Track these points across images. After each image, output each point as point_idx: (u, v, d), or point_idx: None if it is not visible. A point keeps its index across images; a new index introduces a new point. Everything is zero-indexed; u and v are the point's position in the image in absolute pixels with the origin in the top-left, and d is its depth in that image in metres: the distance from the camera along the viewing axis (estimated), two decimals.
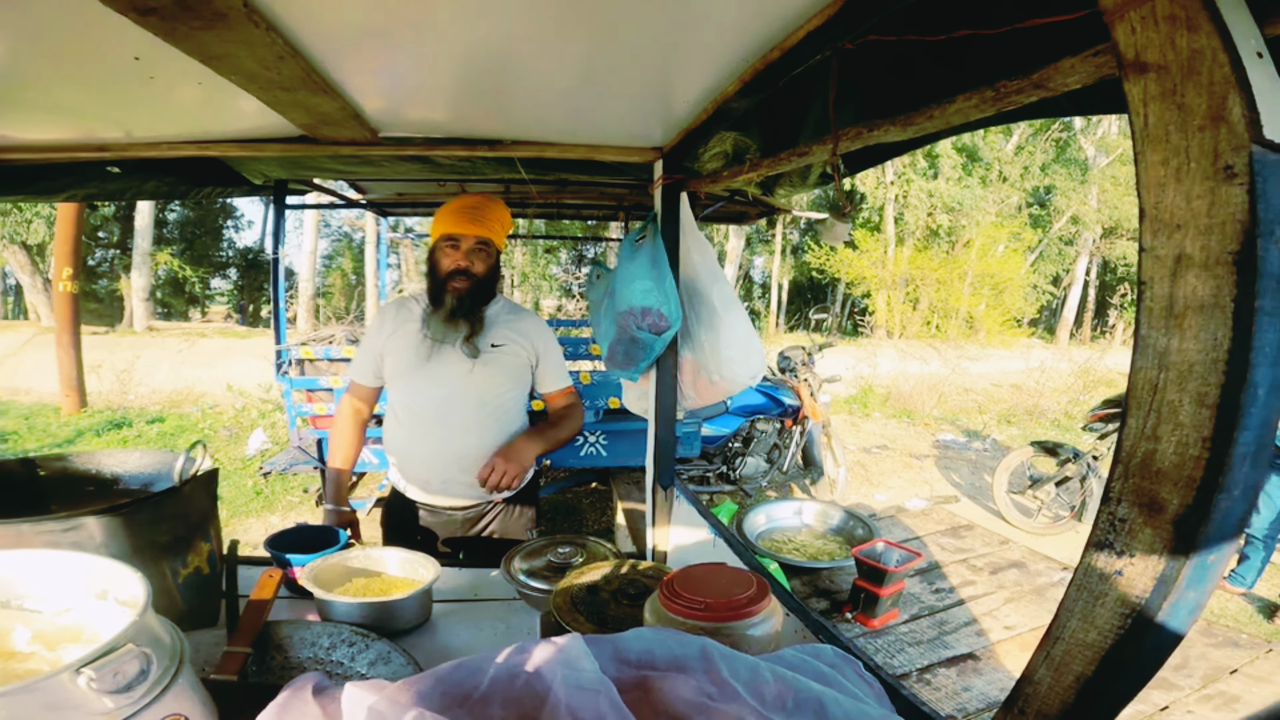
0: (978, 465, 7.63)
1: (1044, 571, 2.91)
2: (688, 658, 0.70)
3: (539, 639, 0.73)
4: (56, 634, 0.63)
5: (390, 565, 1.59)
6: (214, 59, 0.82)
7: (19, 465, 1.44)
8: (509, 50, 1.04)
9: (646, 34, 1.00)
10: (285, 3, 0.75)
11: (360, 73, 1.05)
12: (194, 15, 0.68)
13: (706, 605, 0.91)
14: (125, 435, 6.86)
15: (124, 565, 0.68)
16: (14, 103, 1.19)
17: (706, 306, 1.64)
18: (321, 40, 0.88)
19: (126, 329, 17.35)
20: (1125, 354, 13.01)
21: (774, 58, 1.02)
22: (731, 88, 1.17)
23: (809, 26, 0.92)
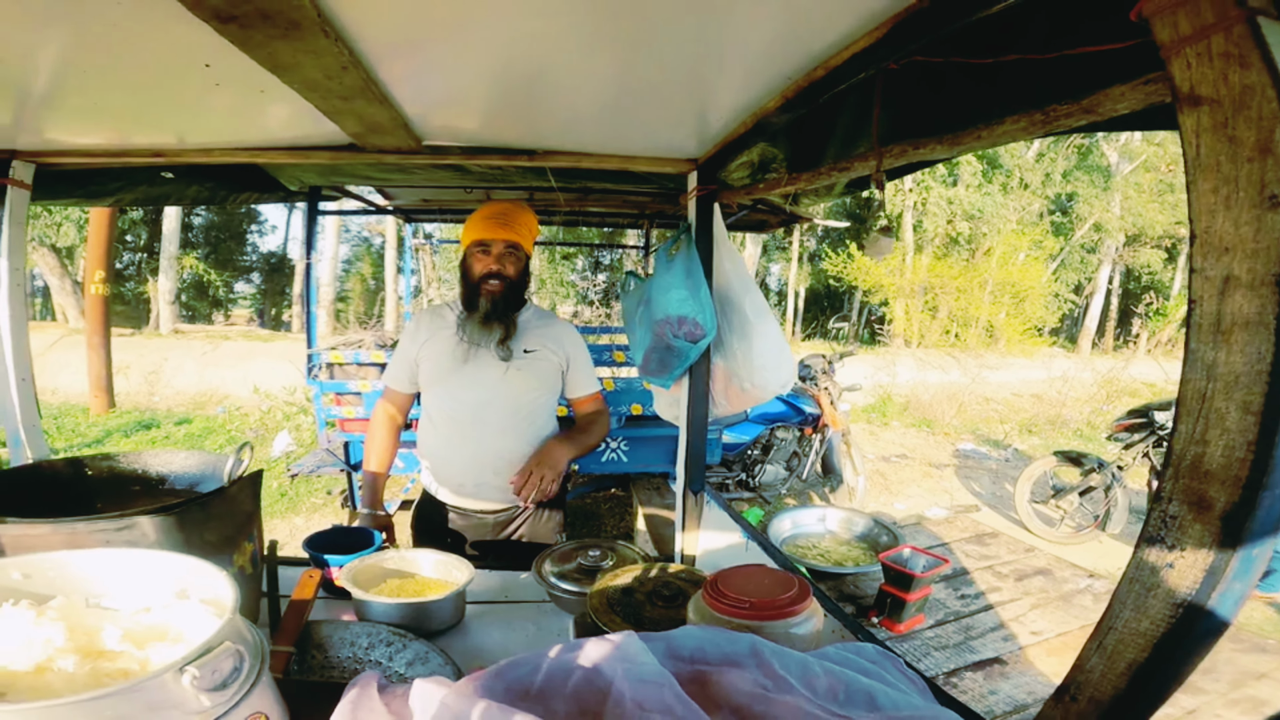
0: (999, 475, 7.55)
1: (1070, 578, 2.91)
2: (739, 654, 0.73)
3: (591, 638, 0.76)
4: (144, 633, 0.65)
5: (424, 567, 1.62)
6: (282, 68, 0.85)
7: (67, 465, 1.49)
8: (550, 62, 1.07)
9: (689, 51, 1.02)
10: (352, 13, 0.79)
11: (410, 82, 1.08)
12: (271, 24, 0.71)
13: (751, 604, 0.94)
14: (153, 436, 6.99)
15: (208, 564, 0.71)
16: (77, 108, 1.24)
17: (739, 315, 1.66)
18: (379, 50, 0.91)
19: (153, 331, 17.68)
20: (1149, 364, 12.85)
21: (818, 76, 1.04)
22: (773, 103, 1.20)
23: (855, 48, 0.94)
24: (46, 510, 1.39)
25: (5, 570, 0.63)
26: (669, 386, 1.75)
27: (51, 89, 1.11)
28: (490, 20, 0.88)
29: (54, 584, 0.64)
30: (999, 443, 9.06)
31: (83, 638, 0.59)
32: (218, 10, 0.67)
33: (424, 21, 0.86)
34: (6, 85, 1.09)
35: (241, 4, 0.66)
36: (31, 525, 1.06)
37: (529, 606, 1.64)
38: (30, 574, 0.64)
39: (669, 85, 1.22)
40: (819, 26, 0.93)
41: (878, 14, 0.87)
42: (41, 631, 0.57)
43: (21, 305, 1.57)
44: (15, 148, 1.55)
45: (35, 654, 0.56)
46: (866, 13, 0.87)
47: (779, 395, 1.87)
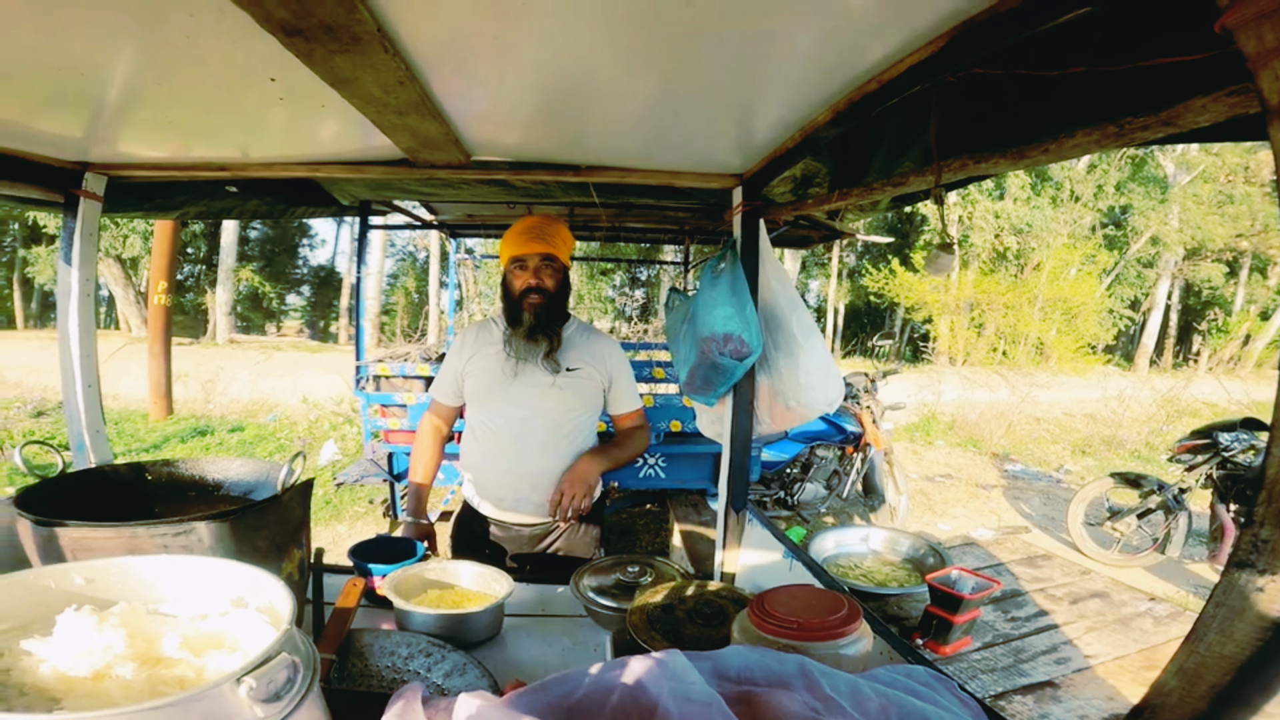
0: (1050, 496, 7.28)
1: (1129, 601, 2.80)
2: (787, 675, 0.72)
3: (635, 655, 0.75)
4: (201, 640, 0.65)
5: (465, 578, 1.63)
6: (342, 82, 0.88)
7: (129, 470, 1.55)
8: (596, 77, 1.08)
9: (737, 65, 1.02)
10: (409, 29, 0.80)
11: (462, 97, 1.10)
12: (334, 38, 0.73)
13: (799, 625, 0.93)
14: (208, 443, 7.25)
15: (266, 573, 0.72)
16: (148, 120, 1.29)
17: (785, 333, 1.64)
18: (434, 65, 0.93)
19: (210, 341, 18.40)
20: (1211, 383, 12.27)
21: (870, 89, 1.02)
22: (823, 117, 1.18)
23: (911, 60, 0.92)
24: (108, 513, 1.44)
25: (68, 575, 0.65)
26: (713, 404, 1.73)
27: (124, 102, 1.16)
28: (540, 36, 0.89)
29: (115, 589, 0.66)
30: (1050, 464, 8.74)
31: (142, 644, 0.60)
32: (285, 23, 0.69)
33: (477, 37, 0.87)
34: (82, 97, 1.14)
35: (307, 17, 0.68)
36: (93, 528, 1.11)
37: (565, 621, 1.64)
38: (93, 579, 0.66)
39: (715, 100, 1.22)
40: (873, 39, 0.92)
41: (936, 26, 0.85)
42: (102, 638, 0.58)
43: (90, 315, 1.64)
44: (88, 160, 1.62)
45: (95, 661, 0.57)
46: (924, 25, 0.86)
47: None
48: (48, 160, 1.56)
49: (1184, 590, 4.77)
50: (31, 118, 1.28)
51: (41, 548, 1.12)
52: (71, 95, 1.13)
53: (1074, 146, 0.82)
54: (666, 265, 17.90)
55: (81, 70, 0.99)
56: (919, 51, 0.91)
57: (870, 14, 0.85)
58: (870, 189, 1.25)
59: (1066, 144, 0.83)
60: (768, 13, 0.85)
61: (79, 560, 1.12)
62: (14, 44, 0.90)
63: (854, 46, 0.95)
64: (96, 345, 1.65)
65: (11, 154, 1.48)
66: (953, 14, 0.82)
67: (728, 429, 1.71)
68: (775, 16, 0.86)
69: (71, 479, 1.44)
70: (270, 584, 0.70)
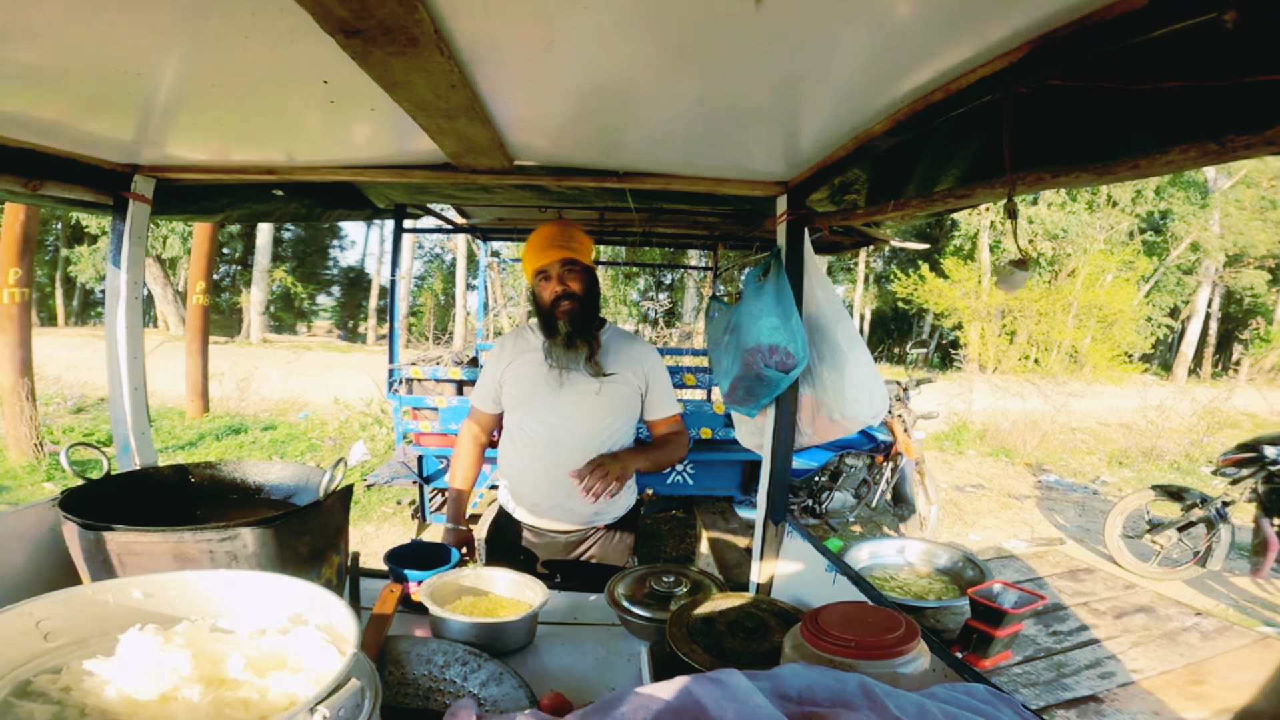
0: (1085, 508, 7.11)
1: (1175, 616, 2.73)
2: (849, 694, 0.71)
3: (692, 675, 0.73)
4: (264, 660, 0.64)
5: (499, 585, 1.62)
6: (395, 85, 0.86)
7: (173, 472, 1.57)
8: (643, 84, 1.06)
9: (790, 72, 0.99)
10: (466, 32, 0.79)
11: (509, 102, 1.09)
12: (391, 40, 0.72)
13: (857, 643, 0.91)
14: (241, 441, 7.38)
15: (325, 590, 0.70)
16: (198, 123, 1.30)
17: (830, 344, 1.61)
18: (485, 69, 0.92)
19: (244, 340, 18.78)
20: (1251, 394, 11.87)
21: (935, 99, 0.99)
22: (879, 126, 1.14)
23: (983, 72, 0.89)
24: (152, 516, 1.46)
25: (126, 589, 0.64)
26: (754, 415, 1.70)
27: (176, 103, 1.16)
28: (594, 41, 0.87)
29: (175, 604, 0.65)
30: (1086, 474, 8.52)
31: (207, 665, 0.58)
32: (344, 23, 0.68)
33: (531, 42, 0.86)
34: (134, 99, 1.15)
35: (366, 18, 0.67)
36: (140, 533, 1.11)
37: (598, 630, 1.62)
38: (151, 593, 0.65)
39: (765, 109, 1.19)
40: (944, 50, 0.89)
41: (1013, 38, 0.82)
42: (168, 659, 0.57)
43: (138, 317, 1.66)
44: (138, 162, 1.63)
45: (161, 683, 0.56)
46: (1001, 37, 0.83)
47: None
48: (98, 162, 1.58)
49: (1224, 604, 4.71)
50: (84, 119, 1.29)
51: (87, 551, 1.13)
52: (124, 96, 1.14)
53: (1168, 163, 0.78)
54: (691, 270, 17.93)
55: (137, 71, 0.98)
56: (993, 63, 0.87)
57: (943, 25, 0.82)
58: (931, 200, 1.21)
59: (1159, 160, 0.79)
60: (829, 22, 0.82)
61: (125, 564, 1.14)
62: (67, 43, 0.90)
63: (921, 57, 0.92)
64: (144, 347, 1.67)
65: (63, 155, 1.50)
66: (1034, 25, 0.79)
67: (768, 441, 1.67)
68: (837, 26, 0.84)
69: (115, 481, 1.46)
70: (329, 602, 0.68)
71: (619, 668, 1.46)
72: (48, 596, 0.62)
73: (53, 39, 0.88)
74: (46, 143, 1.44)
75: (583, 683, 1.39)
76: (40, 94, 1.13)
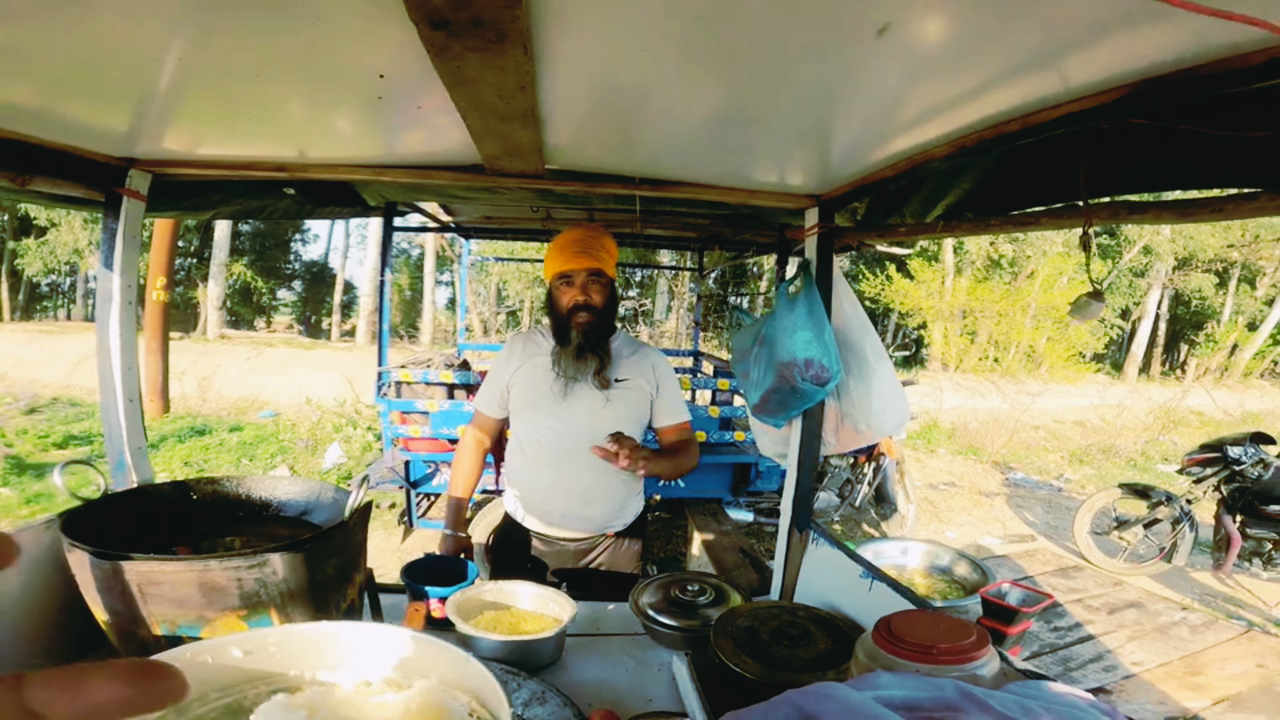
0: (1052, 505, 7.32)
1: (1164, 611, 2.90)
2: (951, 699, 0.73)
3: (796, 691, 0.74)
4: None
5: (522, 599, 1.57)
6: (462, 83, 0.80)
7: (173, 489, 1.48)
8: (686, 95, 1.02)
9: (853, 91, 0.96)
10: (556, 31, 0.74)
11: (563, 106, 1.03)
12: (479, 33, 0.66)
13: (938, 650, 0.95)
14: (207, 443, 7.10)
15: (440, 641, 0.65)
16: (212, 115, 1.20)
17: (857, 356, 1.61)
18: (555, 71, 0.86)
19: (200, 336, 18.13)
20: (1199, 394, 12.37)
21: (1010, 129, 0.97)
22: (939, 150, 1.12)
23: (1071, 108, 0.87)
24: (154, 536, 1.37)
25: (225, 649, 0.58)
26: (781, 426, 1.69)
27: (184, 92, 1.07)
28: (660, 51, 0.83)
29: (275, 660, 0.59)
30: (1050, 472, 8.78)
31: None
32: (435, 13, 0.62)
33: (607, 47, 0.82)
34: (139, 85, 1.05)
35: (460, 9, 0.61)
36: (163, 562, 1.03)
37: (623, 639, 1.60)
38: (251, 650, 0.58)
39: (816, 126, 1.16)
40: (1034, 85, 0.87)
41: (1116, 79, 0.81)
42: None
43: (131, 324, 1.55)
44: (134, 155, 1.52)
45: None
46: (1104, 77, 0.81)
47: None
48: (92, 155, 1.46)
49: (1189, 598, 4.90)
50: (76, 107, 1.19)
51: (101, 581, 1.05)
52: (128, 83, 1.04)
53: (1255, 208, 0.78)
54: (674, 270, 17.88)
55: (157, 55, 0.89)
56: (1083, 100, 0.86)
57: (1040, 62, 0.80)
58: (986, 223, 1.19)
59: (1246, 206, 0.78)
60: (913, 54, 0.80)
61: (146, 594, 1.06)
62: (63, 23, 0.81)
63: (1005, 89, 0.89)
64: (138, 357, 1.56)
65: (54, 147, 1.38)
66: (1140, 71, 0.78)
67: (794, 451, 1.66)
68: (920, 59, 0.81)
69: (114, 500, 1.37)
70: (448, 651, 0.63)
71: (651, 678, 1.44)
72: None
73: (41, 16, 0.79)
74: (36, 133, 1.32)
75: (619, 695, 1.37)
76: (28, 78, 1.03)
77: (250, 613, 1.10)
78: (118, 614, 1.09)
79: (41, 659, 1.25)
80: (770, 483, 4.35)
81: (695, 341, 6.67)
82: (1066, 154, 1.12)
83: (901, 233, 1.47)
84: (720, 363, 5.59)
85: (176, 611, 1.07)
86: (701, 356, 6.27)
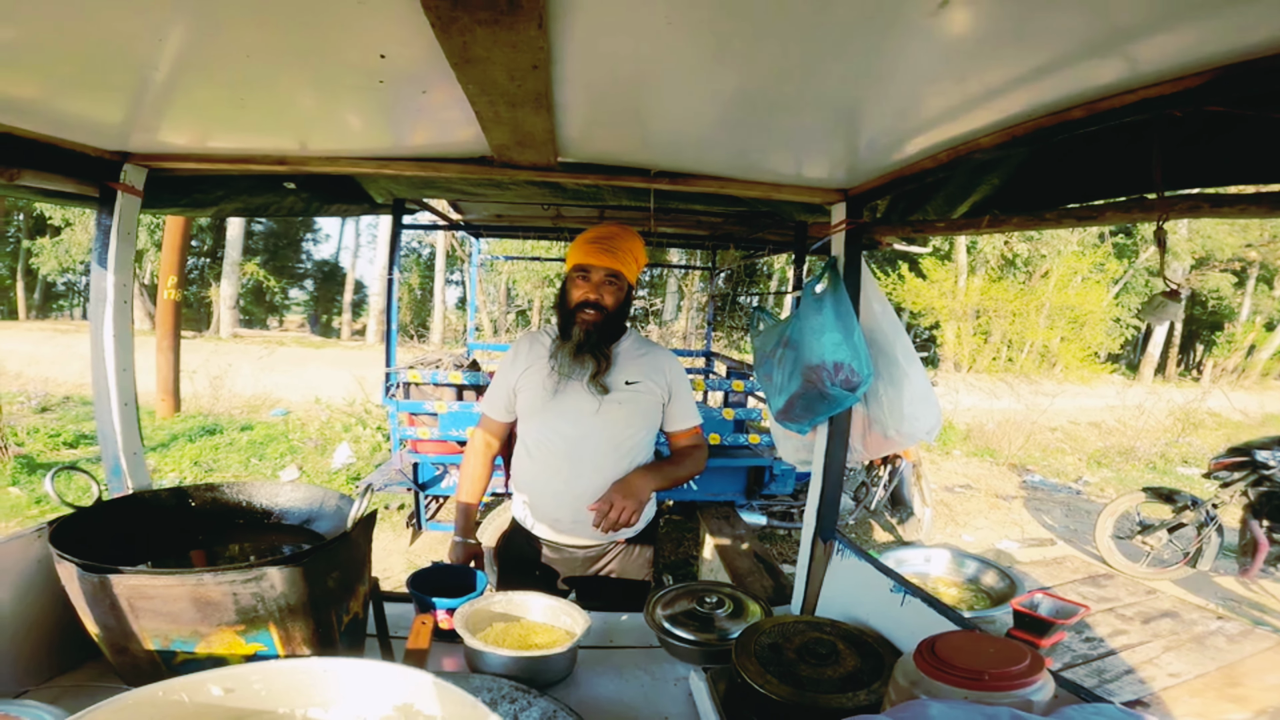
0: (1071, 508, 7.20)
1: (1199, 620, 2.84)
2: None
3: None
4: None
5: (532, 611, 1.52)
6: (469, 62, 0.73)
7: (170, 496, 1.42)
8: (709, 82, 0.94)
9: (891, 73, 0.88)
10: (574, 2, 0.67)
11: (578, 89, 0.96)
12: (490, 4, 0.60)
13: (989, 675, 0.89)
14: (217, 442, 7.09)
15: (436, 679, 0.58)
16: (209, 102, 1.13)
17: (888, 359, 1.53)
18: (572, 49, 0.79)
19: (213, 335, 18.25)
20: (1216, 395, 12.16)
21: (1074, 115, 0.88)
22: (988, 139, 1.03)
23: (1147, 93, 0.79)
24: (151, 546, 1.32)
25: (202, 686, 0.52)
26: (806, 432, 1.61)
27: (178, 81, 1.01)
28: (687, 27, 0.76)
29: (260, 698, 0.53)
30: (1068, 475, 8.64)
31: None
32: None
33: (629, 21, 0.75)
34: (128, 75, 0.99)
35: None
36: (152, 576, 0.98)
37: (636, 653, 1.54)
38: (232, 688, 0.52)
39: (846, 112, 1.08)
40: (1106, 68, 0.79)
41: (1201, 62, 0.73)
42: None
43: (127, 324, 1.49)
44: (128, 149, 1.46)
45: None
46: (1184, 60, 0.73)
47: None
48: (84, 149, 1.41)
49: (1213, 603, 4.83)
50: (67, 99, 1.13)
51: (90, 595, 0.99)
52: (118, 72, 0.98)
53: None
54: (674, 268, 17.79)
55: (159, 38, 0.82)
56: (1163, 85, 0.77)
57: (1115, 41, 0.72)
58: (1040, 218, 1.11)
59: None
60: (979, 37, 0.73)
61: (136, 609, 1.00)
62: (57, 9, 0.75)
63: (1070, 72, 0.81)
64: (134, 358, 1.50)
65: (44, 140, 1.32)
66: (1231, 52, 0.70)
67: (819, 458, 1.58)
68: (978, 36, 0.74)
69: (107, 507, 1.31)
70: (448, 691, 0.57)
71: (667, 694, 1.39)
72: (109, 704, 0.50)
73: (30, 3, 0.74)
74: (25, 125, 1.27)
75: (632, 712, 1.31)
76: (16, 68, 0.97)
77: (248, 628, 1.04)
78: (109, 628, 1.04)
79: (35, 671, 1.21)
80: (784, 486, 4.27)
81: (708, 342, 6.59)
82: (1111, 145, 1.04)
83: (940, 228, 1.38)
84: (733, 363, 5.50)
85: (169, 626, 1.01)
86: (714, 357, 6.19)
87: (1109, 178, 1.10)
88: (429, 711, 0.54)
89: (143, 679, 0.93)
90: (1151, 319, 0.98)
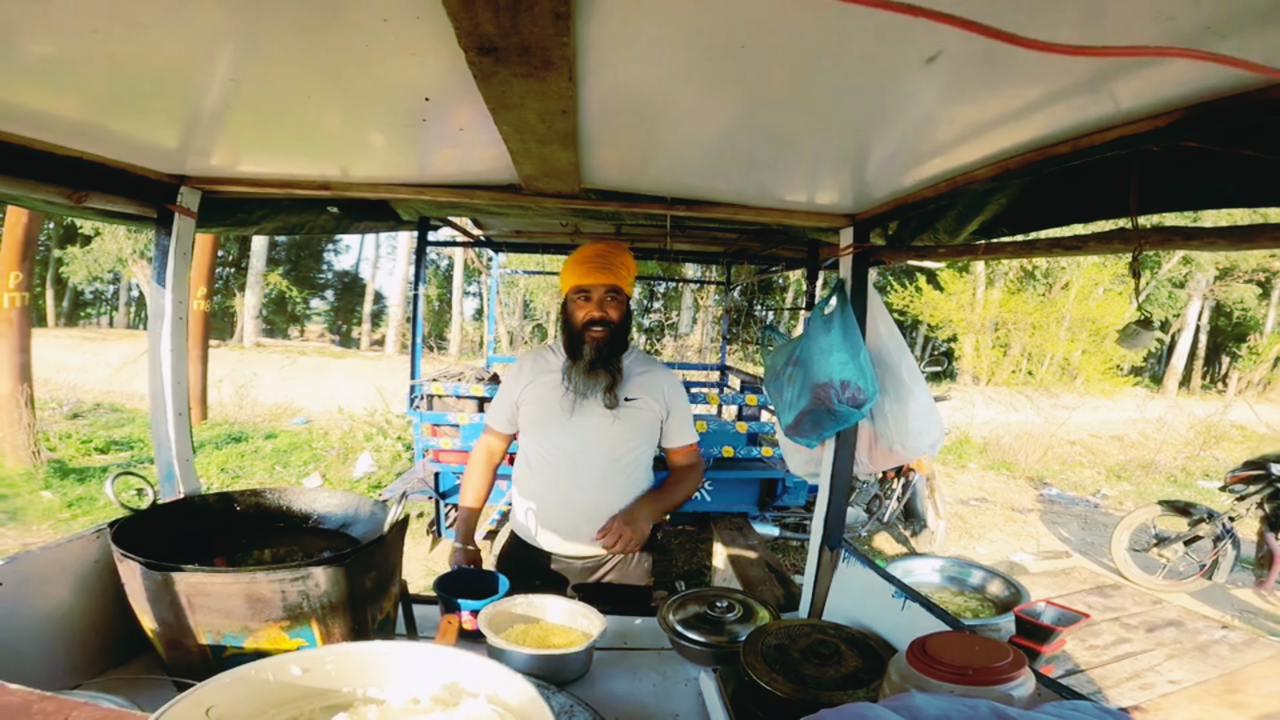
0: (1088, 521, 7.13)
1: (1204, 629, 2.84)
2: (985, 719, 0.73)
3: (830, 711, 0.74)
4: None
5: (551, 613, 1.59)
6: (506, 108, 0.82)
7: (217, 500, 1.52)
8: (723, 117, 1.03)
9: (893, 112, 0.96)
10: (601, 57, 0.75)
11: (600, 129, 1.05)
12: (525, 60, 0.68)
13: (973, 670, 0.95)
14: (243, 450, 7.26)
15: (485, 660, 0.66)
16: (262, 134, 1.24)
17: (893, 377, 1.61)
18: (596, 94, 0.88)
19: (237, 344, 18.57)
20: (1240, 408, 11.92)
21: (1060, 151, 0.95)
22: (984, 171, 1.11)
23: (1124, 130, 0.86)
24: (200, 546, 1.42)
25: (284, 666, 0.60)
26: (814, 446, 1.69)
27: (233, 111, 1.10)
28: (702, 78, 0.85)
29: (330, 677, 0.61)
30: (1086, 488, 8.56)
31: None
32: (484, 39, 0.63)
33: (649, 73, 0.83)
34: (189, 104, 1.08)
35: (509, 36, 0.63)
36: (212, 574, 1.07)
37: (649, 654, 1.60)
38: (309, 668, 0.61)
39: (850, 150, 1.16)
40: (1087, 108, 0.86)
41: (1174, 101, 0.80)
42: None
43: (182, 339, 1.60)
44: (184, 173, 1.56)
45: None
46: (1162, 96, 0.80)
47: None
48: (144, 172, 1.51)
49: (1228, 615, 4.81)
50: (129, 125, 1.22)
51: (151, 591, 1.08)
52: (178, 100, 1.06)
53: None
54: (700, 284, 17.83)
55: (208, 73, 0.91)
56: (1139, 123, 0.84)
57: (1094, 84, 0.80)
58: (1031, 247, 1.18)
59: None
60: (950, 74, 0.80)
61: (194, 605, 1.09)
62: (119, 37, 0.81)
63: (1055, 111, 0.89)
64: (187, 371, 1.61)
65: (109, 164, 1.43)
66: (1199, 92, 0.77)
67: (827, 471, 1.66)
68: (966, 84, 0.81)
69: (161, 510, 1.41)
70: (494, 671, 0.65)
71: (678, 693, 1.45)
72: (212, 682, 0.58)
73: (93, 31, 0.79)
74: (93, 150, 1.37)
75: (644, 710, 1.38)
76: (82, 93, 1.04)
77: (293, 624, 1.13)
78: (166, 623, 1.13)
79: (85, 667, 1.28)
80: (797, 498, 4.32)
81: (723, 355, 6.65)
82: (1107, 169, 1.11)
83: (941, 254, 1.46)
84: (748, 377, 5.56)
85: (223, 622, 1.10)
86: (729, 371, 6.25)
87: (1108, 200, 1.17)
88: (472, 689, 0.62)
89: (193, 673, 1.02)
90: (1127, 346, 1.04)
